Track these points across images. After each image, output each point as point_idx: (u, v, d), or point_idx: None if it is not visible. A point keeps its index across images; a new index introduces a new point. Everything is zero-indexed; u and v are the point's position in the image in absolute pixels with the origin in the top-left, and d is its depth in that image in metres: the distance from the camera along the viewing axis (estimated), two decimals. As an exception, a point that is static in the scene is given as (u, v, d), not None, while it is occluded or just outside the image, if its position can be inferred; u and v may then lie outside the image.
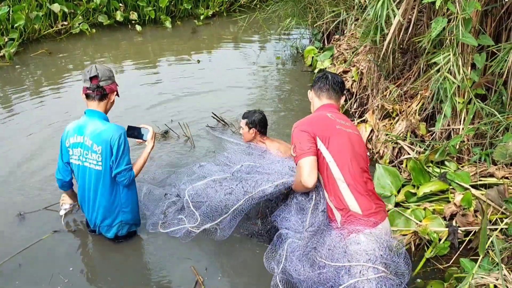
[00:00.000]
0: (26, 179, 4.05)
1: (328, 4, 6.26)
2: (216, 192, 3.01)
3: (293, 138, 2.72)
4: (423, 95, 4.08)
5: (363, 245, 2.44)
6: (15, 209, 3.62)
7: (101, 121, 3.03)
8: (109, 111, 3.17)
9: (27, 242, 3.30)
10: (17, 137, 4.79)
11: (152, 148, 3.28)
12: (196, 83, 6.28)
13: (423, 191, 3.42)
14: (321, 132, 2.67)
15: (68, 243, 3.35)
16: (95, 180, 3.06)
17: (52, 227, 3.47)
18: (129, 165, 3.07)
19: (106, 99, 3.07)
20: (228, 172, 3.15)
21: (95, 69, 2.98)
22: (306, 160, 2.58)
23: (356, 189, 2.60)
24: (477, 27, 3.45)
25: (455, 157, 3.74)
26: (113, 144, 2.95)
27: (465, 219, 3.16)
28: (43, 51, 7.27)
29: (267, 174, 2.93)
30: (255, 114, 3.70)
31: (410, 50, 4.48)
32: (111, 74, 3.07)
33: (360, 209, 2.55)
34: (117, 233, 3.25)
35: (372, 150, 4.37)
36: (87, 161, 3.03)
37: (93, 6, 8.12)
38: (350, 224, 2.55)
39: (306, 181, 2.55)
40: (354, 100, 5.20)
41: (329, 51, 6.25)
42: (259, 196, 2.85)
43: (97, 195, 3.10)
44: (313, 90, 3.00)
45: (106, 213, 3.15)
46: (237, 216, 2.95)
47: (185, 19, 9.37)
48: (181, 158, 4.40)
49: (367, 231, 2.51)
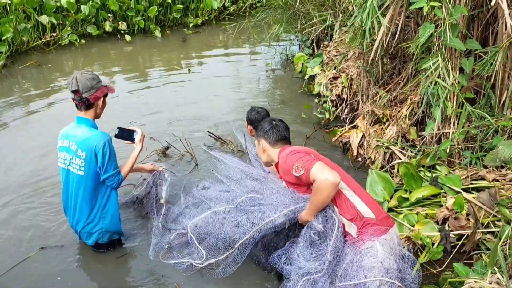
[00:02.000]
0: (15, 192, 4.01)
1: (317, 10, 6.30)
2: (222, 225, 2.92)
3: (289, 162, 2.67)
4: (413, 100, 4.10)
5: (380, 255, 2.43)
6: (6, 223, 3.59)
7: (88, 127, 3.07)
8: (102, 113, 3.22)
9: (14, 260, 3.25)
10: (7, 148, 4.74)
11: (140, 150, 3.31)
12: (187, 92, 6.28)
13: (416, 196, 3.42)
14: (311, 152, 2.73)
15: (56, 260, 3.28)
16: (77, 184, 3.09)
17: (39, 243, 3.42)
18: (116, 170, 3.12)
19: (93, 107, 3.09)
20: (231, 202, 3.06)
21: (76, 82, 2.95)
22: (319, 164, 2.53)
23: (363, 196, 2.63)
24: (464, 31, 3.48)
25: (446, 161, 3.75)
26: (97, 151, 2.98)
27: (458, 223, 3.17)
28: (32, 63, 7.23)
29: (272, 206, 2.81)
30: (252, 112, 3.63)
31: (398, 56, 4.50)
32: (93, 83, 3.00)
33: (373, 213, 2.58)
34: (97, 240, 3.26)
35: (364, 156, 4.38)
36: (71, 165, 3.08)
37: (81, 17, 8.10)
38: (365, 233, 2.55)
39: (333, 179, 2.45)
40: (344, 106, 5.21)
41: (318, 58, 6.27)
42: (267, 228, 2.73)
43: (78, 200, 3.13)
44: (264, 140, 3.00)
45: (86, 219, 3.17)
46: (244, 250, 2.85)
47: (174, 28, 9.38)
48: (185, 177, 4.25)
49: (382, 237, 2.53)
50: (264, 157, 3.07)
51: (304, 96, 6.01)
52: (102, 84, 3.09)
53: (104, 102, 3.17)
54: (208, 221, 3.00)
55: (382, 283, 2.36)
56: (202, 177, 4.20)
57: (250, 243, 2.80)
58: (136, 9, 8.60)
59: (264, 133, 3.00)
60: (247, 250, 2.86)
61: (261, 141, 3.02)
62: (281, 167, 2.83)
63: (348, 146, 4.61)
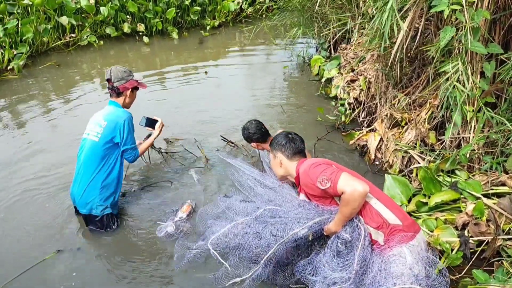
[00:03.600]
0: (36, 193, 4.06)
1: (334, 13, 6.27)
2: (243, 238, 2.90)
3: (312, 176, 2.65)
4: (432, 104, 4.06)
5: (408, 261, 2.41)
6: (24, 224, 3.64)
7: (115, 107, 3.62)
8: (131, 104, 3.74)
9: (30, 262, 3.28)
10: (27, 148, 4.81)
11: (157, 135, 3.89)
12: (203, 93, 6.30)
13: (435, 201, 3.39)
14: (333, 163, 2.71)
15: (72, 263, 3.30)
16: (88, 149, 3.47)
17: (56, 246, 3.44)
18: (134, 145, 3.63)
19: (122, 96, 3.63)
20: (250, 213, 3.04)
21: (110, 72, 3.55)
22: (345, 175, 2.52)
23: (387, 202, 2.60)
24: (486, 35, 3.44)
25: (465, 166, 3.71)
26: (119, 124, 3.47)
27: (478, 229, 3.13)
28: (51, 63, 7.34)
29: (294, 218, 2.77)
30: (244, 131, 3.76)
31: (418, 59, 4.46)
32: (124, 75, 3.57)
33: (399, 220, 2.55)
34: (91, 211, 3.52)
35: (381, 160, 4.35)
36: (90, 134, 3.51)
37: (100, 18, 8.19)
38: (393, 240, 2.53)
39: (362, 189, 2.44)
40: (362, 109, 5.18)
41: (336, 60, 6.24)
42: (290, 240, 2.69)
43: (82, 165, 3.48)
44: (281, 153, 2.99)
45: (85, 186, 3.47)
46: (268, 264, 2.82)
47: (192, 30, 9.42)
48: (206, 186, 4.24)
49: (410, 243, 2.51)
50: (280, 171, 3.05)
51: (321, 99, 5.98)
52: (132, 78, 3.63)
53: (133, 94, 3.69)
54: (229, 236, 2.98)
55: None
56: (215, 180, 4.22)
57: (274, 257, 2.75)
58: (154, 11, 8.67)
59: (281, 146, 2.98)
60: (272, 264, 2.82)
61: (278, 154, 3.00)
62: (303, 181, 2.78)
63: (365, 149, 4.58)
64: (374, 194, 2.59)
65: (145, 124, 3.93)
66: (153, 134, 3.91)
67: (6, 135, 5.16)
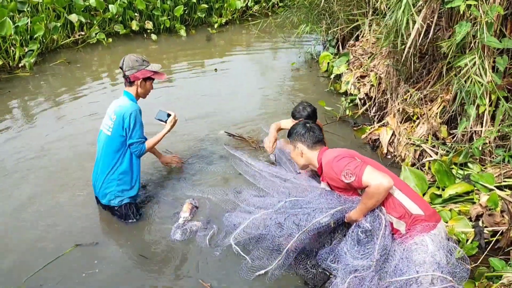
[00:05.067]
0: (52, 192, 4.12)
1: (342, 10, 6.33)
2: (265, 229, 2.95)
3: (336, 169, 2.69)
4: (444, 98, 4.13)
5: (430, 249, 2.47)
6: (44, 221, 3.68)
7: (127, 98, 3.57)
8: (146, 94, 3.71)
9: (50, 255, 3.30)
10: (38, 145, 4.87)
11: (169, 130, 3.78)
12: (211, 90, 6.38)
13: (449, 193, 3.46)
14: (355, 155, 2.76)
15: (90, 258, 3.30)
16: (103, 143, 3.56)
17: (75, 240, 3.46)
18: (140, 139, 3.56)
19: (134, 85, 3.58)
20: (268, 206, 3.10)
21: (123, 60, 3.52)
22: (369, 169, 2.57)
23: (409, 193, 2.65)
24: (498, 30, 3.50)
25: (478, 159, 3.77)
26: (125, 118, 3.44)
27: (492, 219, 3.20)
28: (61, 61, 7.40)
29: (317, 208, 2.82)
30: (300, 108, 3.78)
31: (428, 54, 4.53)
32: (135, 64, 3.50)
33: (421, 209, 2.60)
34: (109, 201, 3.62)
35: (394, 154, 4.42)
36: (104, 127, 3.58)
37: (109, 16, 8.25)
38: (414, 229, 2.58)
39: (387, 184, 2.49)
40: (373, 104, 5.25)
41: (344, 57, 6.31)
42: (313, 228, 2.74)
43: (101, 158, 3.58)
44: (302, 143, 3.02)
45: (103, 178, 3.57)
46: (291, 254, 2.89)
47: (199, 27, 9.49)
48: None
49: (432, 232, 2.56)
50: (302, 160, 3.08)
51: (331, 95, 6.05)
52: (146, 68, 3.54)
53: (146, 84, 3.61)
54: (249, 228, 3.05)
55: (434, 277, 2.39)
56: (223, 174, 4.27)
57: (297, 246, 2.82)
58: (162, 9, 8.73)
59: (300, 136, 3.02)
60: (295, 253, 2.89)
61: (298, 145, 3.04)
62: (326, 174, 2.83)
63: (377, 143, 4.66)
64: (396, 185, 2.64)
65: (163, 117, 3.79)
66: (165, 128, 3.78)
67: (19, 131, 5.21)
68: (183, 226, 3.53)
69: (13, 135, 5.10)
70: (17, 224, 3.64)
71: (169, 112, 3.82)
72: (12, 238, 3.50)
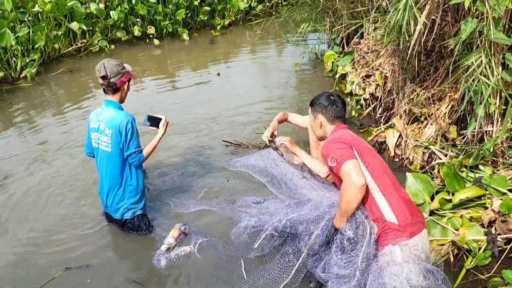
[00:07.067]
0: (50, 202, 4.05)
1: (346, 7, 6.16)
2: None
3: (328, 149, 2.67)
4: (452, 97, 3.95)
5: (398, 259, 2.43)
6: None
7: (114, 109, 3.39)
8: (126, 97, 3.53)
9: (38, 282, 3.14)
10: (41, 153, 4.81)
11: (162, 134, 3.62)
12: (214, 93, 6.28)
13: (459, 198, 3.28)
14: (356, 144, 2.68)
15: (80, 282, 3.14)
16: (106, 160, 3.41)
17: (64, 263, 3.30)
18: (138, 149, 3.40)
19: (119, 91, 3.41)
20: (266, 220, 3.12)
21: (104, 68, 3.26)
22: (351, 163, 2.52)
23: (391, 200, 2.58)
24: (507, 26, 3.32)
25: (489, 161, 3.60)
26: (121, 129, 3.28)
27: (506, 226, 3.02)
28: (63, 69, 7.34)
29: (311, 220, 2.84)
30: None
31: (435, 52, 4.35)
32: (119, 68, 3.32)
33: (396, 219, 2.53)
34: (123, 215, 3.51)
35: (401, 156, 4.25)
36: (101, 144, 3.40)
37: (111, 22, 8.19)
38: (385, 236, 2.54)
39: (358, 182, 2.44)
40: (379, 105, 5.08)
41: (349, 55, 6.13)
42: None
43: (107, 175, 3.44)
44: (322, 115, 2.96)
45: (114, 194, 3.46)
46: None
47: (202, 30, 9.39)
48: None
49: (404, 242, 2.47)
50: (320, 132, 3.04)
51: (336, 95, 5.88)
52: (126, 70, 3.40)
53: (128, 87, 3.48)
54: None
55: None
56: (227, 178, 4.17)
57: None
58: (164, 13, 8.64)
59: (323, 108, 2.95)
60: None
61: (318, 116, 2.98)
62: (321, 149, 2.83)
63: (384, 146, 4.49)
64: (382, 189, 2.58)
65: (149, 123, 3.64)
66: (158, 133, 3.62)
67: (21, 140, 5.17)
68: (167, 253, 3.29)
69: (14, 144, 5.09)
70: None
71: (159, 116, 3.66)
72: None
